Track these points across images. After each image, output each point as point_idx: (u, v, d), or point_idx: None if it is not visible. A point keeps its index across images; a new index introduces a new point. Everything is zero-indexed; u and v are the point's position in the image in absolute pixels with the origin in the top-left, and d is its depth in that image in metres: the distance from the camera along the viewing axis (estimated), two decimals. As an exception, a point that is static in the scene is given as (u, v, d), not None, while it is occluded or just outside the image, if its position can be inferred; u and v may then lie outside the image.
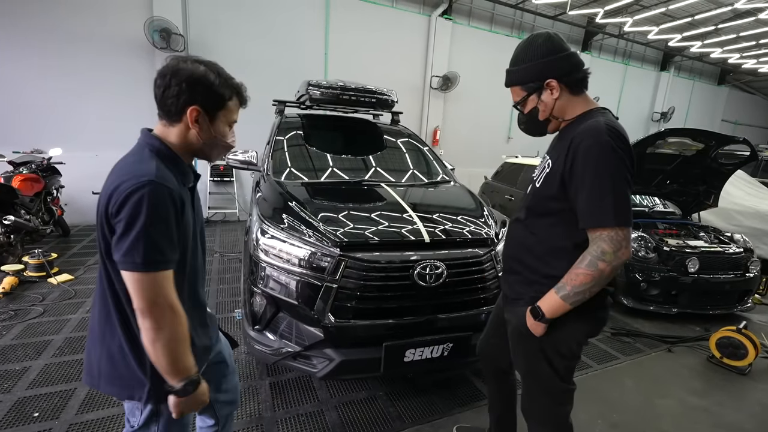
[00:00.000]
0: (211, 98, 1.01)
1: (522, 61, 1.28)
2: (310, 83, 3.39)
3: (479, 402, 2.29)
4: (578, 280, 1.14)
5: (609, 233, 1.11)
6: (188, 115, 0.99)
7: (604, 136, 1.12)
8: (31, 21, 5.24)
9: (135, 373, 0.98)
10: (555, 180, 1.23)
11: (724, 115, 13.51)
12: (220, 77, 1.03)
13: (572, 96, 1.26)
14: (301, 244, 1.98)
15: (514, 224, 1.46)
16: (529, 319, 1.26)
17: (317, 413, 2.11)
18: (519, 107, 1.34)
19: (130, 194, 0.87)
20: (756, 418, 2.32)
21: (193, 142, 1.04)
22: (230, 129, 1.11)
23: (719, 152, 3.89)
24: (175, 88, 0.96)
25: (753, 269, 3.70)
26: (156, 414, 1.05)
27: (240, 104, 1.12)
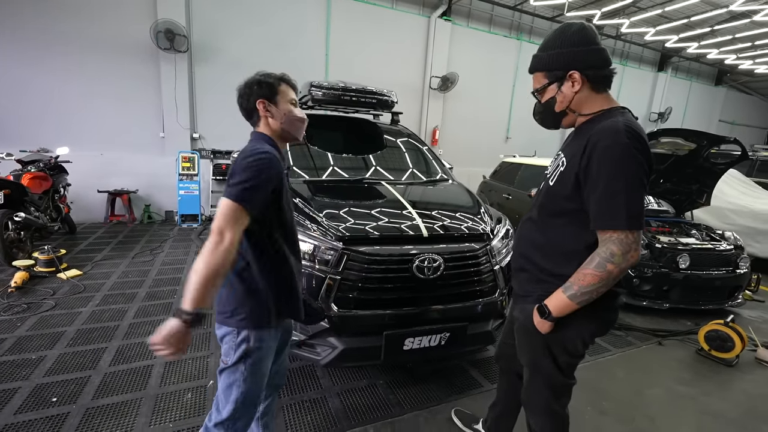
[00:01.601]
0: (266, 89, 1.33)
1: (550, 47, 1.25)
2: (312, 84, 3.49)
3: (475, 390, 2.39)
4: (586, 280, 1.15)
5: (619, 236, 1.11)
6: (259, 107, 1.33)
7: (623, 137, 1.10)
8: (37, 23, 5.34)
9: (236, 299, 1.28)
10: (569, 179, 1.21)
11: (722, 115, 13.60)
12: (264, 75, 1.35)
13: (593, 92, 1.24)
14: (306, 238, 2.08)
15: (526, 222, 1.46)
16: (536, 317, 1.28)
17: (320, 399, 2.22)
18: (537, 95, 1.32)
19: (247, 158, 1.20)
20: (741, 406, 2.43)
21: (276, 128, 1.35)
22: (294, 106, 1.38)
23: (711, 152, 4.00)
24: (245, 96, 1.34)
25: (743, 266, 3.81)
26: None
27: (291, 87, 1.39)
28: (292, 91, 1.39)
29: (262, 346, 1.29)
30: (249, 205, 1.15)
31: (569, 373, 1.38)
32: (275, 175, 1.22)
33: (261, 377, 1.33)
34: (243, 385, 1.28)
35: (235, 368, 1.27)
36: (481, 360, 2.73)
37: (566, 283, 1.21)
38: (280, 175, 1.26)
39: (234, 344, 1.27)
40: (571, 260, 1.23)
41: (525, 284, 1.41)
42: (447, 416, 2.14)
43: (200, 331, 2.87)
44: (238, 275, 1.27)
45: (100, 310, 3.12)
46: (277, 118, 1.34)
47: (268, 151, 1.23)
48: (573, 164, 1.21)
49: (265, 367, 1.33)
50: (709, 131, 12.46)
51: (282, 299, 1.32)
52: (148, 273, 4.00)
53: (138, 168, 6.26)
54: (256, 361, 1.29)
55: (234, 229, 1.13)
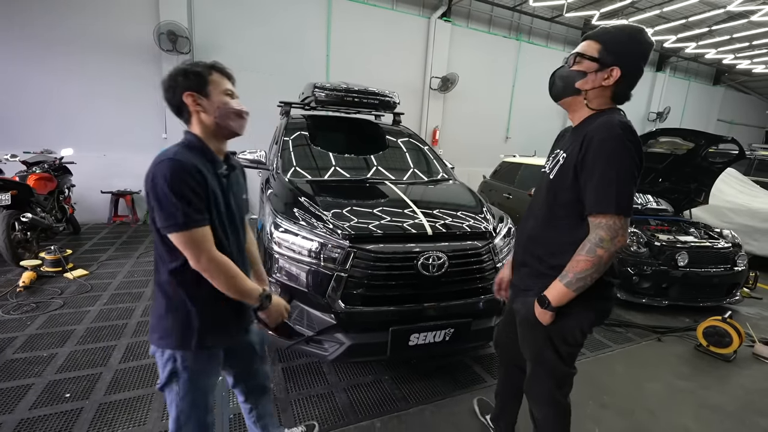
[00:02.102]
0: (193, 80, 1.17)
1: (617, 34, 1.27)
2: (315, 85, 3.54)
3: (478, 385, 2.44)
4: (579, 266, 1.23)
5: (608, 221, 1.20)
6: (187, 101, 1.17)
7: (617, 130, 1.20)
8: (40, 24, 5.38)
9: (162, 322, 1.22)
10: (569, 171, 1.29)
11: (720, 114, 13.67)
12: (192, 63, 1.21)
13: (610, 97, 1.30)
14: (313, 236, 2.13)
15: (528, 219, 1.52)
16: (537, 309, 1.34)
17: (328, 394, 2.27)
18: (572, 61, 1.33)
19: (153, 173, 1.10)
20: (738, 400, 2.48)
21: (208, 124, 1.21)
22: (230, 98, 1.24)
23: (709, 151, 4.05)
24: (169, 89, 1.18)
25: (740, 263, 3.86)
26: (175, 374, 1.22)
27: (225, 76, 1.25)
28: (226, 81, 1.25)
29: (191, 367, 1.21)
30: (195, 223, 1.10)
31: (570, 362, 1.44)
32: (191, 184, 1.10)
33: (201, 395, 1.26)
34: (180, 404, 1.22)
35: (169, 388, 1.22)
36: (485, 356, 2.78)
37: (562, 273, 1.27)
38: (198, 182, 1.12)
39: (161, 363, 1.21)
40: (569, 252, 1.28)
41: (526, 279, 1.47)
42: (452, 410, 2.19)
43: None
44: (160, 289, 1.20)
45: (107, 309, 3.17)
46: (209, 112, 1.19)
47: (171, 157, 1.10)
48: (572, 157, 1.29)
49: (204, 386, 1.26)
50: (708, 130, 12.49)
51: (207, 319, 1.21)
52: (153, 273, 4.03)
53: (140, 169, 6.09)
54: (190, 380, 1.22)
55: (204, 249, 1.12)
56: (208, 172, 1.17)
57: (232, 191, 1.29)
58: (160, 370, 1.23)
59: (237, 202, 1.31)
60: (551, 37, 9.52)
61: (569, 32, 9.63)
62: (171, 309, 1.19)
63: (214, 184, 1.18)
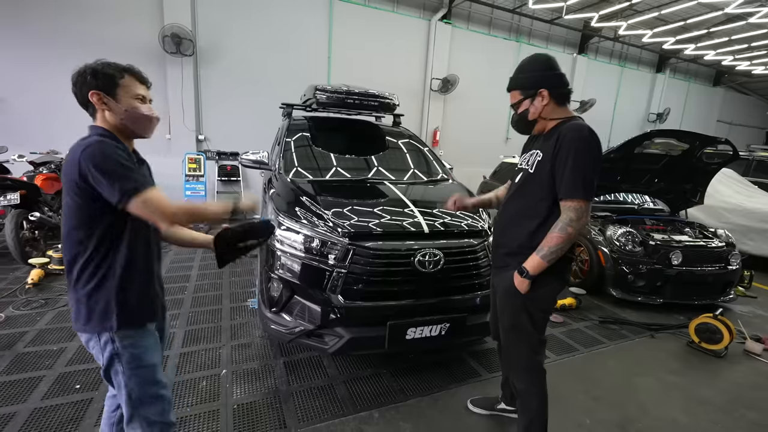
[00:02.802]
0: (102, 80, 1.21)
1: (525, 71, 1.62)
2: (317, 88, 3.62)
3: (474, 379, 2.52)
4: (553, 242, 1.49)
5: (575, 204, 1.48)
6: (92, 100, 1.21)
7: (585, 132, 1.49)
8: (48, 28, 5.49)
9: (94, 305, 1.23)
10: (546, 165, 1.55)
11: (720, 115, 13.72)
12: (105, 64, 1.24)
13: (557, 106, 1.60)
14: (314, 234, 2.22)
15: (506, 207, 1.77)
16: (516, 278, 1.58)
17: (328, 387, 2.35)
18: (515, 108, 1.67)
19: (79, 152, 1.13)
20: (726, 393, 2.55)
21: (114, 123, 1.24)
22: (141, 102, 1.27)
23: (704, 152, 4.12)
24: (76, 84, 1.22)
25: (734, 262, 3.93)
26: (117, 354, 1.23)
27: (140, 81, 1.28)
28: (139, 85, 1.27)
29: (132, 345, 1.24)
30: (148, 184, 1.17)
31: (542, 328, 1.68)
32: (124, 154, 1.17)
33: (150, 371, 1.28)
34: (129, 383, 1.24)
35: (113, 371, 1.24)
36: (480, 351, 2.85)
37: (538, 248, 1.53)
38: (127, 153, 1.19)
39: (99, 349, 1.23)
40: (541, 234, 1.55)
41: (505, 257, 1.71)
42: (448, 402, 2.27)
43: (211, 325, 3.00)
44: (81, 275, 1.20)
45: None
46: (115, 113, 1.22)
47: (99, 139, 1.15)
48: (548, 154, 1.56)
49: (150, 362, 1.28)
50: (708, 131, 12.47)
51: (135, 297, 1.25)
52: (158, 270, 4.12)
53: None
54: (133, 358, 1.24)
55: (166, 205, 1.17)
56: None
57: None
58: (98, 356, 1.24)
59: None
60: (551, 38, 9.60)
61: (569, 34, 9.71)
62: (96, 293, 1.20)
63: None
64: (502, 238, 1.74)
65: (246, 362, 2.55)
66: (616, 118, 11.29)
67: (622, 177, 4.31)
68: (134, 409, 1.26)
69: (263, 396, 2.23)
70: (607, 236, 3.99)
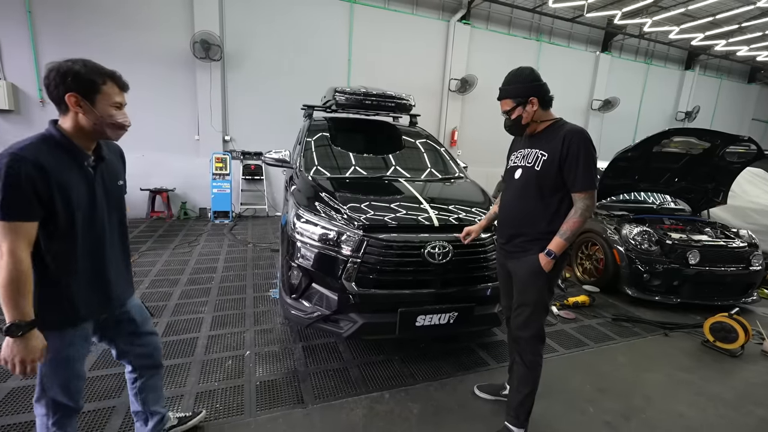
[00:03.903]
0: (83, 85, 1.20)
1: (513, 82, 1.85)
2: (336, 90, 3.81)
3: (481, 368, 2.63)
4: (574, 225, 1.75)
5: (588, 194, 1.75)
6: (68, 102, 1.20)
7: (586, 134, 1.77)
8: (91, 35, 5.93)
9: None
10: (554, 164, 1.77)
11: (755, 113, 13.11)
12: (86, 67, 1.22)
13: (543, 110, 1.85)
14: (331, 226, 2.38)
15: (513, 201, 1.94)
16: (543, 259, 1.79)
17: (343, 369, 2.51)
18: (507, 114, 1.89)
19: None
20: (737, 390, 2.55)
21: (84, 125, 1.24)
22: (117, 110, 1.28)
23: (727, 151, 4.05)
24: (53, 83, 1.19)
25: (756, 263, 3.85)
26: None
27: (120, 88, 1.29)
28: (118, 93, 1.28)
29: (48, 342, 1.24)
30: (13, 217, 1.12)
31: (552, 296, 1.94)
32: (25, 179, 1.11)
33: (64, 363, 1.31)
34: (43, 368, 1.29)
35: None
36: (489, 343, 2.95)
37: (560, 231, 1.77)
38: (34, 177, 1.13)
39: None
40: (559, 219, 1.80)
41: (524, 244, 1.88)
42: (456, 387, 2.39)
43: (236, 312, 3.23)
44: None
45: (149, 292, 3.54)
46: (89, 118, 1.23)
47: (14, 152, 1.12)
48: (554, 153, 1.77)
49: (67, 356, 1.31)
50: (741, 130, 11.88)
51: (51, 300, 1.24)
52: (188, 262, 4.42)
53: (175, 168, 6.79)
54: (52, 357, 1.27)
55: (10, 242, 1.12)
56: (62, 164, 1.20)
57: (102, 180, 1.35)
58: None
59: (108, 189, 1.38)
60: (573, 37, 9.48)
61: (592, 32, 9.56)
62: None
63: (68, 177, 1.21)
64: (518, 229, 1.91)
65: (268, 345, 2.75)
66: (641, 116, 11.00)
67: (641, 176, 4.29)
68: (42, 392, 1.33)
69: (283, 375, 2.42)
70: (623, 235, 3.99)
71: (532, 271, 1.84)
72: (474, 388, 2.37)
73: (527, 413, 1.93)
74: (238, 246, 5.20)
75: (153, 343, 1.66)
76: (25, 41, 5.70)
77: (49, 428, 1.36)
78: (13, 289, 1.13)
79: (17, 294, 1.14)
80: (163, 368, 1.75)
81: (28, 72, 5.80)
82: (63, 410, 1.36)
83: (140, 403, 1.68)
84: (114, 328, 1.52)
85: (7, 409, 2.01)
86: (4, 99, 5.60)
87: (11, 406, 2.02)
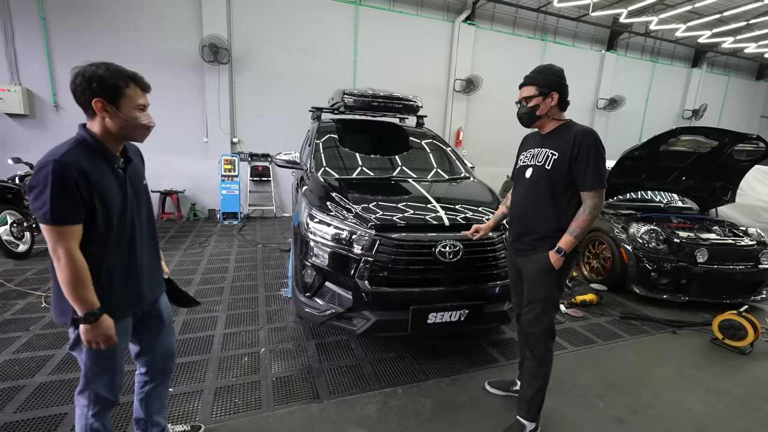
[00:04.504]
0: (107, 90, 1.24)
1: (542, 73, 1.90)
2: (345, 92, 3.87)
3: (492, 365, 2.67)
4: (583, 223, 1.79)
5: (598, 193, 1.79)
6: (95, 107, 1.24)
7: (596, 135, 1.81)
8: (101, 39, 6.05)
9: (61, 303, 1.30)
10: (564, 163, 1.81)
11: (764, 111, 12.99)
12: (110, 71, 1.25)
13: (559, 109, 1.91)
14: (344, 226, 2.44)
15: (524, 200, 1.98)
16: (554, 256, 1.82)
17: (355, 366, 2.57)
18: (525, 102, 1.92)
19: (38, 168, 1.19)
20: (746, 386, 2.57)
21: (111, 129, 1.29)
22: (141, 112, 1.33)
23: (735, 149, 4.05)
24: (79, 89, 1.24)
25: (765, 261, 3.85)
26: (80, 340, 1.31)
27: (142, 90, 1.33)
28: (141, 95, 1.32)
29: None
30: (65, 222, 1.18)
31: (562, 292, 1.98)
32: (71, 183, 1.18)
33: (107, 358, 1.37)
34: (88, 363, 1.36)
35: (78, 350, 1.36)
36: (499, 340, 2.99)
37: (570, 229, 1.81)
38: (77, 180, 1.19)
39: (70, 330, 1.34)
40: (569, 217, 1.83)
41: (533, 242, 1.92)
42: (467, 383, 2.44)
43: (249, 310, 3.30)
44: (54, 273, 1.26)
45: (164, 292, 3.62)
46: (116, 122, 1.28)
47: (57, 159, 1.17)
48: (565, 153, 1.81)
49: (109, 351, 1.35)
50: (750, 128, 11.78)
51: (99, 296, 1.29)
52: (200, 262, 4.50)
53: (184, 170, 6.89)
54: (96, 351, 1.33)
55: (65, 244, 1.19)
56: (99, 167, 1.27)
57: (131, 181, 1.41)
58: (70, 335, 1.35)
59: (136, 190, 1.44)
60: (578, 36, 9.47)
61: (597, 31, 9.55)
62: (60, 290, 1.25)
63: (104, 179, 1.28)
64: (528, 227, 1.95)
65: (281, 343, 2.82)
66: (647, 115, 10.96)
67: (648, 175, 4.30)
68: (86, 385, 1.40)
69: (298, 371, 2.48)
70: (630, 234, 4.01)
71: (542, 269, 1.88)
72: (485, 384, 2.42)
73: (538, 407, 1.97)
74: (248, 246, 5.28)
75: (171, 345, 1.70)
76: (39, 47, 5.83)
77: (88, 419, 1.42)
78: (78, 286, 1.22)
79: (82, 289, 1.23)
80: (171, 375, 1.77)
81: (43, 77, 5.93)
82: (103, 403, 1.43)
83: (144, 411, 1.70)
84: (143, 325, 1.56)
85: (38, 402, 2.08)
86: (20, 104, 5.73)
87: (41, 400, 2.10)
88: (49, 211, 1.16)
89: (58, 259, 1.20)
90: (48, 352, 2.56)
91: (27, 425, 1.93)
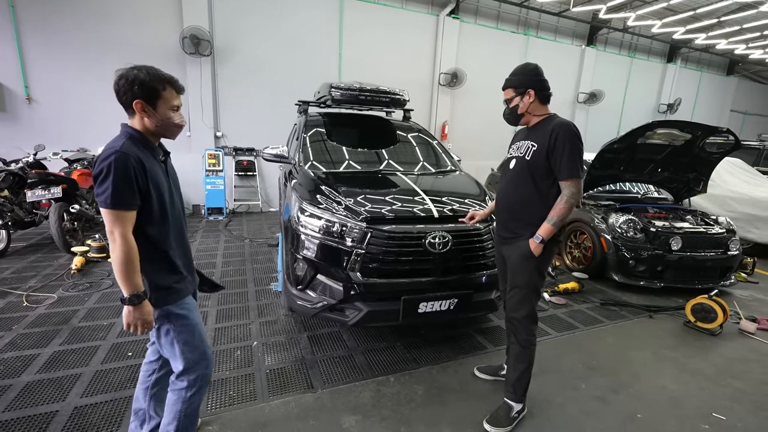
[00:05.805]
0: (147, 92, 1.35)
1: (517, 74, 2.01)
2: (332, 85, 3.86)
3: (480, 351, 2.76)
4: (561, 212, 1.86)
5: (575, 182, 1.86)
6: (135, 108, 1.36)
7: (573, 127, 1.89)
8: (74, 30, 5.82)
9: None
10: (542, 154, 1.89)
11: (734, 105, 13.55)
12: (150, 75, 1.35)
13: (540, 104, 1.99)
14: (335, 219, 2.47)
15: (508, 188, 2.07)
16: (533, 243, 1.90)
17: (348, 356, 2.62)
18: (507, 103, 2.06)
19: (102, 159, 1.30)
20: (717, 366, 2.75)
21: (149, 128, 1.41)
22: (175, 112, 1.43)
23: (706, 142, 4.25)
24: (122, 90, 1.34)
25: (733, 248, 4.07)
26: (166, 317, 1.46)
27: (177, 92, 1.43)
28: (176, 96, 1.42)
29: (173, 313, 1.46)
30: (123, 206, 1.29)
31: (544, 281, 2.08)
32: (131, 172, 1.29)
33: (192, 330, 1.50)
34: (179, 338, 1.47)
35: (165, 330, 1.47)
36: (487, 328, 3.09)
37: (548, 217, 1.88)
38: (136, 169, 1.31)
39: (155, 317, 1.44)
40: (547, 207, 1.90)
41: (517, 229, 2.01)
42: (457, 369, 2.52)
43: (240, 305, 3.30)
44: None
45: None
46: (153, 121, 1.39)
47: (118, 149, 1.29)
48: (543, 144, 1.91)
49: (191, 323, 1.50)
50: (721, 121, 12.24)
51: (167, 278, 1.45)
52: (186, 258, 4.44)
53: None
54: (177, 322, 1.46)
55: (121, 227, 1.29)
56: (149, 159, 1.39)
57: (169, 173, 1.54)
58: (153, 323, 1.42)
59: (175, 182, 1.57)
60: (559, 31, 9.65)
61: (578, 26, 9.74)
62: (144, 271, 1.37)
63: (155, 169, 1.41)
64: (511, 216, 2.04)
65: (274, 336, 2.84)
66: (625, 109, 11.28)
67: (625, 167, 4.47)
68: (187, 363, 1.49)
69: (291, 363, 2.51)
70: (609, 224, 4.17)
71: (523, 255, 1.96)
72: (474, 369, 2.50)
73: (524, 389, 2.07)
74: (235, 242, 5.24)
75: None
76: (9, 37, 5.58)
77: (186, 400, 1.53)
78: (129, 268, 1.31)
79: (132, 271, 1.32)
80: None
81: (14, 68, 5.68)
82: (201, 381, 1.54)
83: (147, 399, 1.71)
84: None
85: (27, 401, 2.05)
86: (-11, 97, 5.49)
87: (30, 399, 2.07)
88: (110, 196, 1.26)
89: (114, 241, 1.30)
90: (34, 351, 2.51)
91: (17, 424, 1.91)
